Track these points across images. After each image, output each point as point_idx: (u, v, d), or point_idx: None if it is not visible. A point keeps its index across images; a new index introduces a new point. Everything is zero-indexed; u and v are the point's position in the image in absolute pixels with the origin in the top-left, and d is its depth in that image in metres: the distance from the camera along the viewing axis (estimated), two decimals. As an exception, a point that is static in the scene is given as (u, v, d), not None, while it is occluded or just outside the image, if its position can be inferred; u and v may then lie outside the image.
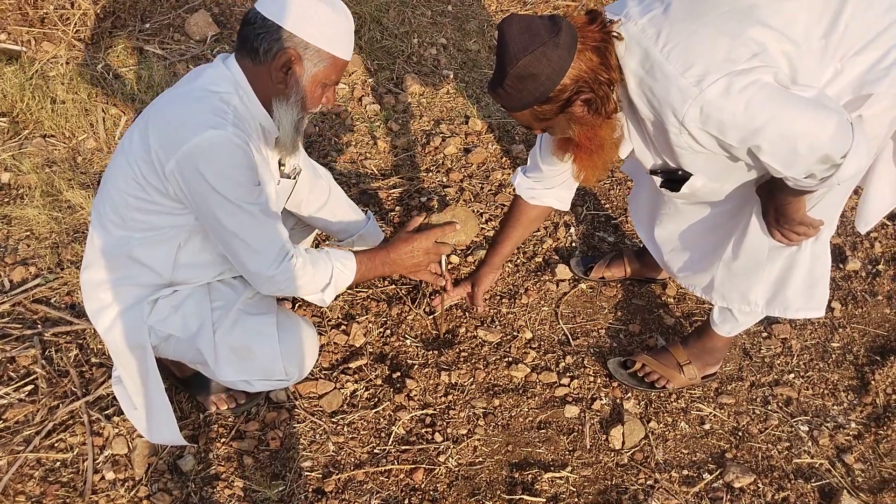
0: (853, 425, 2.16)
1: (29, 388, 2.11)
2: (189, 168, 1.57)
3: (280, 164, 1.85)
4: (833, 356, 2.37)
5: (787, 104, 1.41)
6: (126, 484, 1.93)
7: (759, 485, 2.00)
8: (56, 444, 1.99)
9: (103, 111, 3.09)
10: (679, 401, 2.21)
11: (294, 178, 1.96)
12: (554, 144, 1.78)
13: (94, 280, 1.79)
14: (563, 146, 1.74)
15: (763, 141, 1.43)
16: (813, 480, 2.02)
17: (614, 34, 1.54)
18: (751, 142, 1.45)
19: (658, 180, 1.80)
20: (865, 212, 1.88)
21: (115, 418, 2.05)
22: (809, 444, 2.12)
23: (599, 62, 1.52)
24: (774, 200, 1.68)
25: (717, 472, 2.03)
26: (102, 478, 1.94)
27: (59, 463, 1.96)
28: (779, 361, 2.35)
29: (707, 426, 2.16)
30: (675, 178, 1.75)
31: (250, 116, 1.68)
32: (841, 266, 2.65)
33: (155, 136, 1.60)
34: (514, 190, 2.12)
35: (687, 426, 2.15)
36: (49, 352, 2.21)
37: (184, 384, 2.11)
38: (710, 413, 2.19)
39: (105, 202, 1.74)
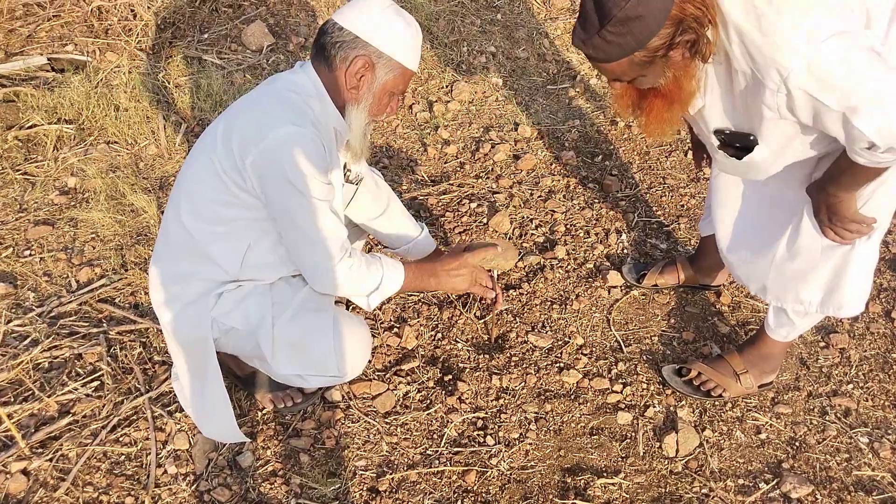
0: (916, 438, 2.11)
1: (95, 383, 2.19)
2: (267, 159, 1.65)
3: (346, 170, 1.91)
4: (894, 367, 2.31)
5: (888, 70, 1.38)
6: (187, 478, 1.99)
7: (818, 496, 1.96)
8: (121, 439, 2.06)
9: (164, 119, 3.20)
10: (734, 410, 2.19)
11: (356, 185, 2.02)
12: (627, 98, 1.69)
13: (163, 272, 1.87)
14: (638, 98, 1.67)
15: (861, 102, 1.39)
16: (874, 493, 1.97)
17: None
18: (847, 103, 1.40)
19: (716, 142, 1.75)
20: None
21: (177, 414, 2.11)
22: (870, 456, 2.07)
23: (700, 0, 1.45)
24: (827, 198, 1.68)
25: (774, 482, 1.99)
26: (165, 472, 2.00)
27: (124, 456, 2.03)
28: (837, 371, 2.30)
29: (763, 436, 2.12)
30: (738, 145, 1.71)
31: (326, 119, 1.76)
32: (902, 276, 2.59)
33: (236, 133, 1.69)
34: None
35: (743, 435, 2.13)
36: (114, 349, 2.29)
37: (243, 382, 2.17)
38: (767, 422, 2.15)
39: (181, 195, 1.82)
